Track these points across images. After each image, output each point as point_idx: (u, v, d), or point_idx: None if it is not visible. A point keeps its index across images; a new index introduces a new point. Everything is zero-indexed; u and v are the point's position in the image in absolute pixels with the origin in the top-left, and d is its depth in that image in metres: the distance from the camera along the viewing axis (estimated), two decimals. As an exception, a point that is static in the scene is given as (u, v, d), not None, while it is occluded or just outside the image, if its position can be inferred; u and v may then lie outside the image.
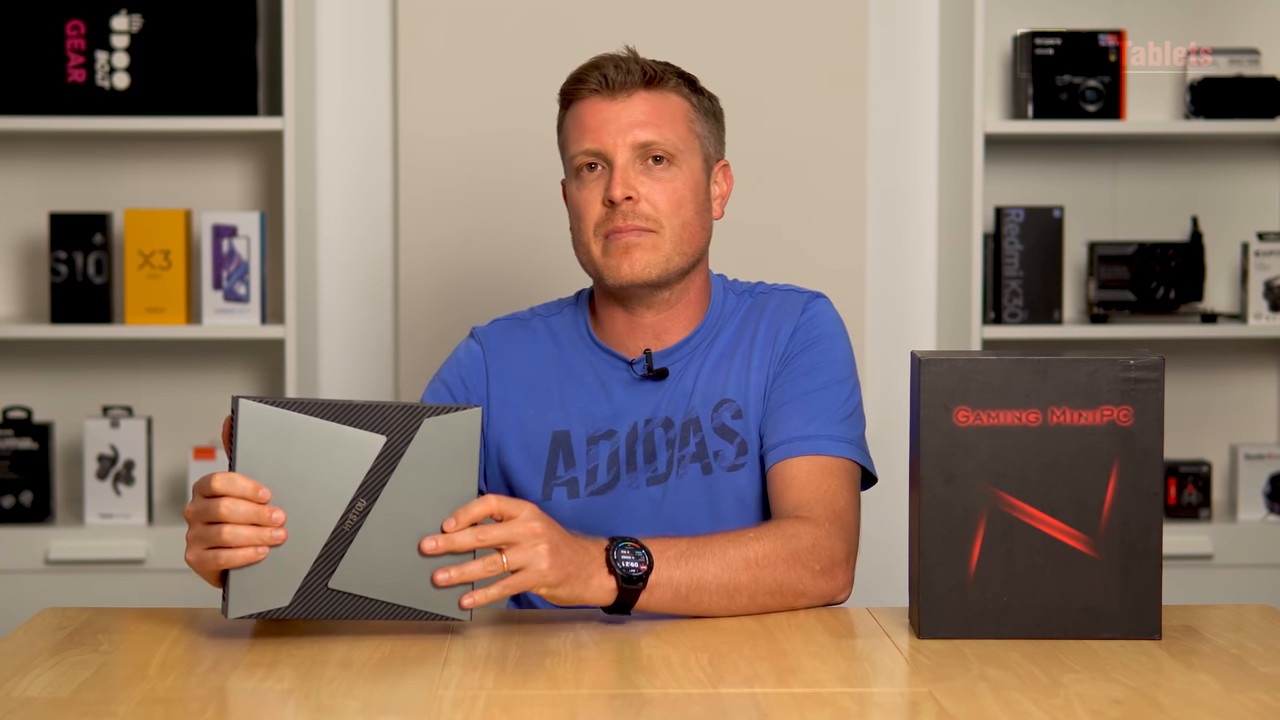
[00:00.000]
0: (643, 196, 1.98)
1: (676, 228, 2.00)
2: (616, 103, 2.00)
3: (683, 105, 2.03)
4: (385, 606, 1.68)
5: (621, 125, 1.99)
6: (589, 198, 2.01)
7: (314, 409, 1.65)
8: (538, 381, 2.07)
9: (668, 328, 2.06)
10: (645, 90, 2.01)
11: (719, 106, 2.10)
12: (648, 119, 2.00)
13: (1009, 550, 1.71)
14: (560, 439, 2.04)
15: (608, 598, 1.74)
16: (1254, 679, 1.59)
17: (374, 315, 3.31)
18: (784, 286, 2.11)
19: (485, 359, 2.09)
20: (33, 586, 3.10)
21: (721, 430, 2.02)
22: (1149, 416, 1.71)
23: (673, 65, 2.06)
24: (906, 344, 3.32)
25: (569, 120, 2.05)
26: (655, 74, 2.01)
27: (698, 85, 2.07)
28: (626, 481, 2.02)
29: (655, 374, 2.03)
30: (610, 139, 1.99)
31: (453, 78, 3.22)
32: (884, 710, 1.51)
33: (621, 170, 1.99)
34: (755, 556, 1.82)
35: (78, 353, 3.34)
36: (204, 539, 1.65)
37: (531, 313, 2.14)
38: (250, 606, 1.66)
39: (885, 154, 3.33)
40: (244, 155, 3.32)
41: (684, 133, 2.02)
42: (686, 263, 2.02)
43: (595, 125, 2.00)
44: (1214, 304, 3.37)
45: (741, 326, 2.07)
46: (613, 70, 2.00)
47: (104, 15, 3.12)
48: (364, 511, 1.67)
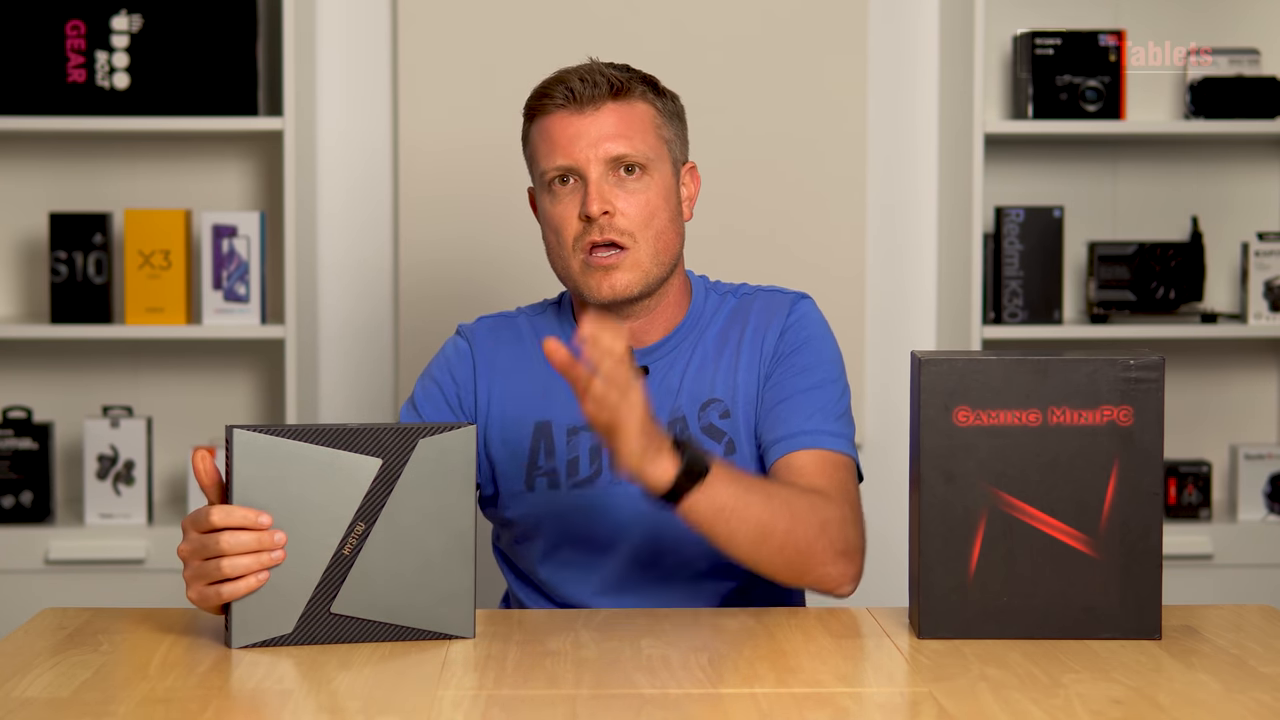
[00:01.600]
0: (618, 210, 1.98)
1: (651, 238, 2.00)
2: (585, 116, 1.99)
3: (649, 112, 2.02)
4: (389, 628, 1.69)
5: (592, 139, 1.98)
6: (564, 213, 2.00)
7: (308, 435, 1.65)
8: (522, 375, 2.08)
9: (647, 330, 2.07)
10: (613, 101, 2.00)
11: (680, 105, 2.09)
12: (618, 131, 1.99)
13: (1009, 550, 1.71)
14: (542, 429, 2.05)
15: (663, 482, 1.75)
16: (1254, 679, 1.59)
17: (374, 315, 3.31)
18: (768, 288, 2.11)
19: (473, 354, 2.10)
20: (33, 586, 3.10)
21: (709, 430, 2.03)
22: (1149, 416, 1.71)
23: (635, 70, 2.05)
24: (906, 344, 3.32)
25: (536, 134, 2.03)
26: (621, 84, 2.00)
27: (660, 87, 2.06)
28: (609, 476, 2.02)
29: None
30: (582, 153, 1.98)
31: (453, 77, 3.22)
32: (884, 710, 1.51)
33: (596, 184, 1.98)
34: (795, 510, 1.84)
35: (78, 353, 3.34)
36: (204, 575, 1.65)
37: (518, 311, 2.16)
38: (253, 636, 1.66)
39: (885, 154, 3.33)
40: (244, 155, 3.32)
41: (653, 140, 2.01)
42: (664, 271, 2.02)
43: (565, 140, 1.99)
44: (1214, 304, 3.37)
45: (727, 327, 2.08)
46: (578, 83, 1.99)
47: (104, 15, 3.12)
48: (363, 535, 1.67)
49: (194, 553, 1.65)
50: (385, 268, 3.31)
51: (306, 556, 1.66)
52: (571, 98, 1.99)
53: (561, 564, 2.05)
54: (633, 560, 2.03)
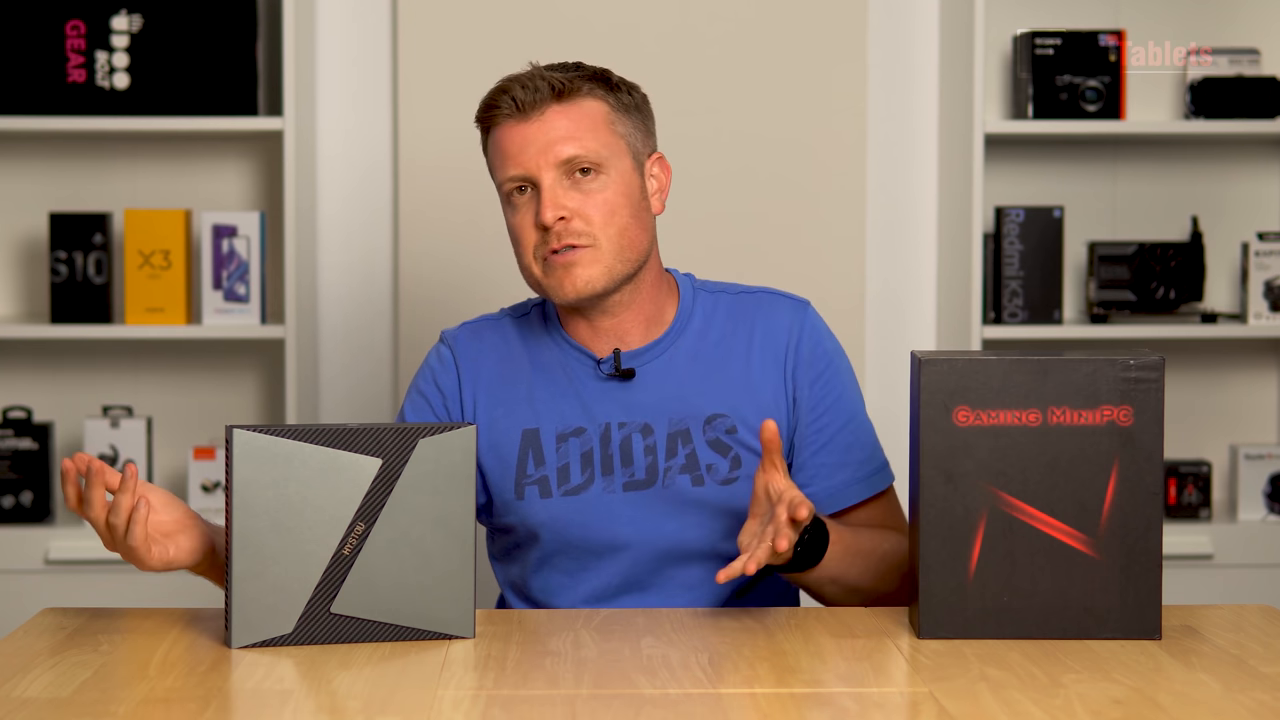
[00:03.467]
0: (574, 213, 1.95)
1: (613, 236, 1.96)
2: (531, 123, 1.95)
3: (599, 108, 1.98)
4: (389, 628, 1.70)
5: (540, 146, 1.95)
6: (522, 222, 1.98)
7: (308, 435, 1.65)
8: (506, 381, 2.05)
9: (628, 328, 2.03)
10: (558, 104, 1.96)
11: (640, 96, 2.04)
12: (566, 133, 1.95)
13: (1009, 550, 1.71)
14: (529, 437, 2.01)
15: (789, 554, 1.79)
16: (1254, 679, 1.59)
17: (374, 315, 3.31)
18: (765, 290, 2.08)
19: (456, 362, 2.07)
20: (33, 586, 3.10)
21: (715, 444, 2.00)
22: (1149, 416, 1.71)
23: (584, 65, 2.01)
24: (906, 344, 3.32)
25: (490, 147, 2.01)
26: (564, 86, 1.96)
27: (612, 81, 2.01)
28: (602, 484, 1.99)
29: (622, 374, 2.01)
30: (532, 160, 1.95)
31: (453, 77, 3.22)
32: (884, 710, 1.51)
33: (549, 191, 1.95)
34: (882, 564, 1.96)
35: (78, 353, 3.34)
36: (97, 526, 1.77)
37: (501, 313, 2.12)
38: (253, 635, 1.67)
39: (885, 154, 3.33)
40: (244, 155, 3.32)
41: (606, 137, 1.97)
42: (631, 268, 1.99)
43: (515, 150, 1.96)
44: (1214, 304, 3.37)
45: (728, 334, 2.04)
46: (520, 91, 1.95)
47: (104, 15, 3.12)
48: (363, 535, 1.68)
49: None
50: (385, 268, 3.31)
51: (306, 556, 1.66)
52: (516, 107, 1.95)
53: (554, 570, 2.02)
54: (629, 568, 2.00)
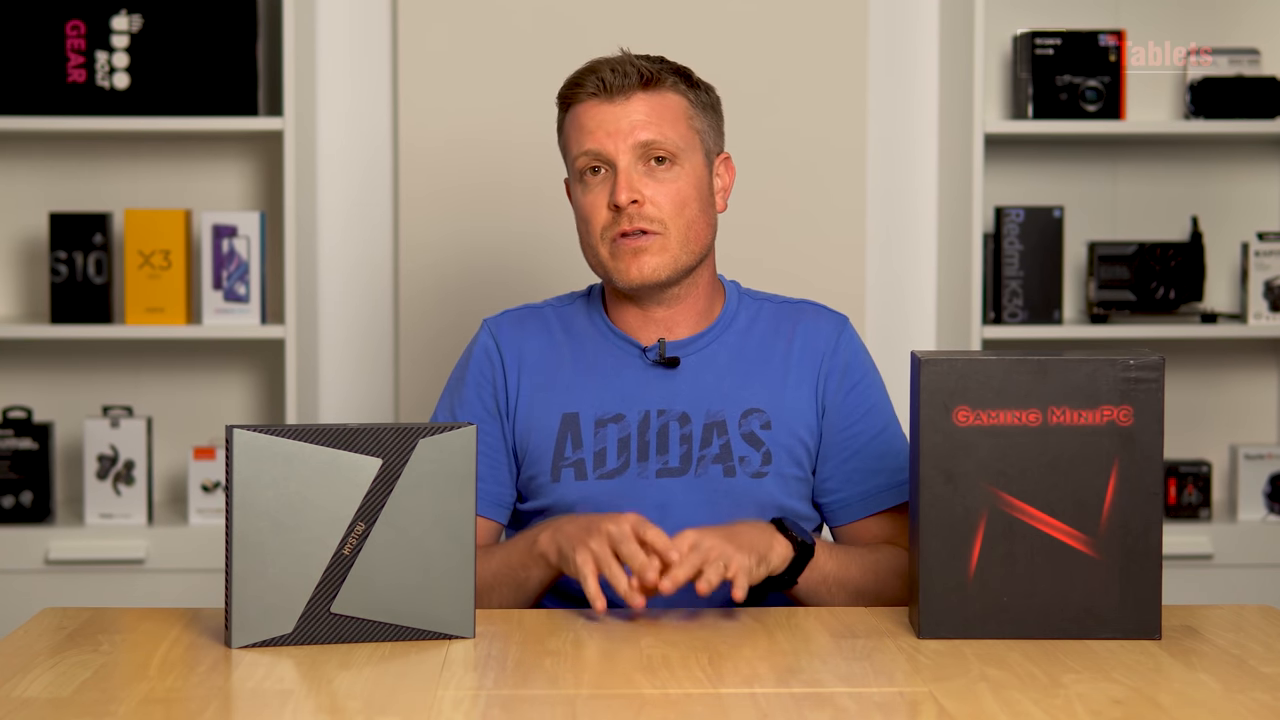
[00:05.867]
0: (647, 199, 2.00)
1: (682, 227, 2.02)
2: (615, 105, 2.02)
3: (680, 103, 2.04)
4: (389, 628, 1.70)
5: (621, 128, 2.01)
6: (594, 202, 2.03)
7: (308, 435, 1.65)
8: (549, 367, 2.09)
9: (679, 320, 2.08)
10: (643, 91, 2.02)
11: (715, 97, 2.11)
12: (648, 120, 2.01)
13: (1009, 550, 1.71)
14: (569, 420, 2.05)
15: (784, 563, 1.87)
16: (1254, 679, 1.59)
17: (374, 315, 3.31)
18: (808, 303, 2.14)
19: (500, 351, 2.11)
20: (33, 586, 3.10)
21: (749, 438, 2.04)
22: (1149, 416, 1.71)
23: (667, 61, 2.07)
24: (906, 344, 3.32)
25: (568, 124, 2.06)
26: (652, 75, 2.02)
27: (693, 79, 2.08)
28: (636, 470, 2.03)
29: (667, 361, 2.05)
30: (611, 142, 2.01)
31: (453, 77, 3.22)
32: (884, 710, 1.51)
33: (625, 174, 2.00)
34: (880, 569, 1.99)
35: (78, 353, 3.33)
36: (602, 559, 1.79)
37: (544, 303, 2.16)
38: (253, 635, 1.67)
39: (885, 154, 3.33)
40: (244, 155, 3.32)
41: (684, 130, 2.03)
42: (694, 260, 2.04)
43: (595, 128, 2.02)
44: (1214, 304, 3.36)
45: (770, 337, 2.09)
46: (609, 73, 2.02)
47: (104, 15, 3.12)
48: (363, 535, 1.68)
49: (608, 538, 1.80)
50: (385, 268, 3.31)
51: (306, 556, 1.66)
52: (602, 87, 2.01)
53: None
54: None
